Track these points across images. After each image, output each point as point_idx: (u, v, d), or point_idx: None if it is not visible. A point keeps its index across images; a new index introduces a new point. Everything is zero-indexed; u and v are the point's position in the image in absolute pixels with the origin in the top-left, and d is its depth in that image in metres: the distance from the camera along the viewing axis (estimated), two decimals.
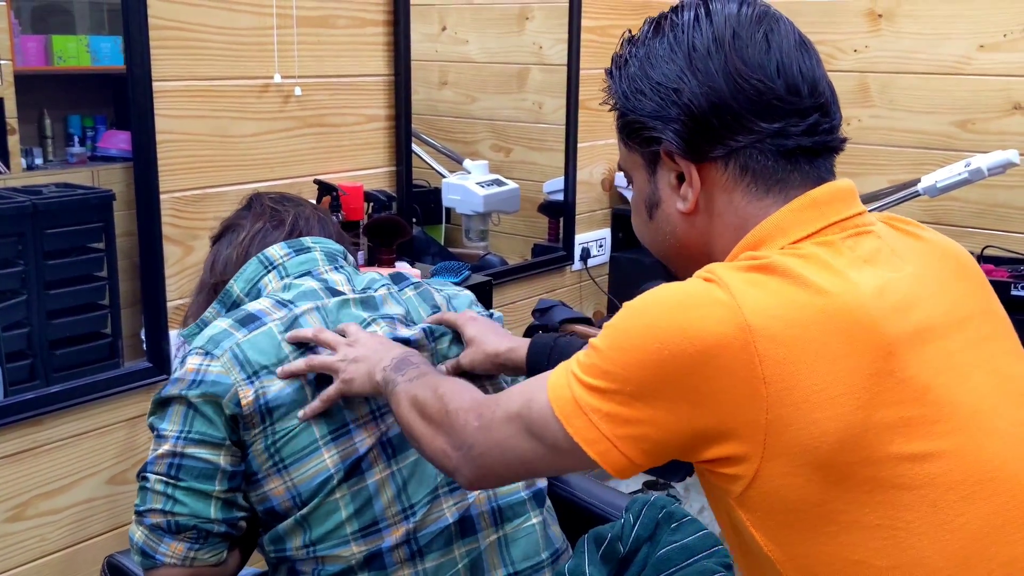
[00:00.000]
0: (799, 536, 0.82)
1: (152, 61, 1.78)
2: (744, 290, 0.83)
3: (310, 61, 2.04)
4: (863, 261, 0.88)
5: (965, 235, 2.82)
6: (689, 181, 0.94)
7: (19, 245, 2.33)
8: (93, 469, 1.81)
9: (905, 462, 0.81)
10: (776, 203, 0.92)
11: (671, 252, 1.00)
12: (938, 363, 0.85)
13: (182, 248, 1.90)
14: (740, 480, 0.82)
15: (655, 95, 0.93)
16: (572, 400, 0.87)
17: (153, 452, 1.21)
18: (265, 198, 1.47)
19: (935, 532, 0.81)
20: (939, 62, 2.80)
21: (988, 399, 0.87)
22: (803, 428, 0.79)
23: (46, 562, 1.77)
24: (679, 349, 0.81)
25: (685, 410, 0.82)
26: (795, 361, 0.80)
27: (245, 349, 1.21)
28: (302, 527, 1.21)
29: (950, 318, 0.90)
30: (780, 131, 0.90)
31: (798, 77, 0.91)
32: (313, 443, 1.20)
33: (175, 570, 1.21)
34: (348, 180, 2.13)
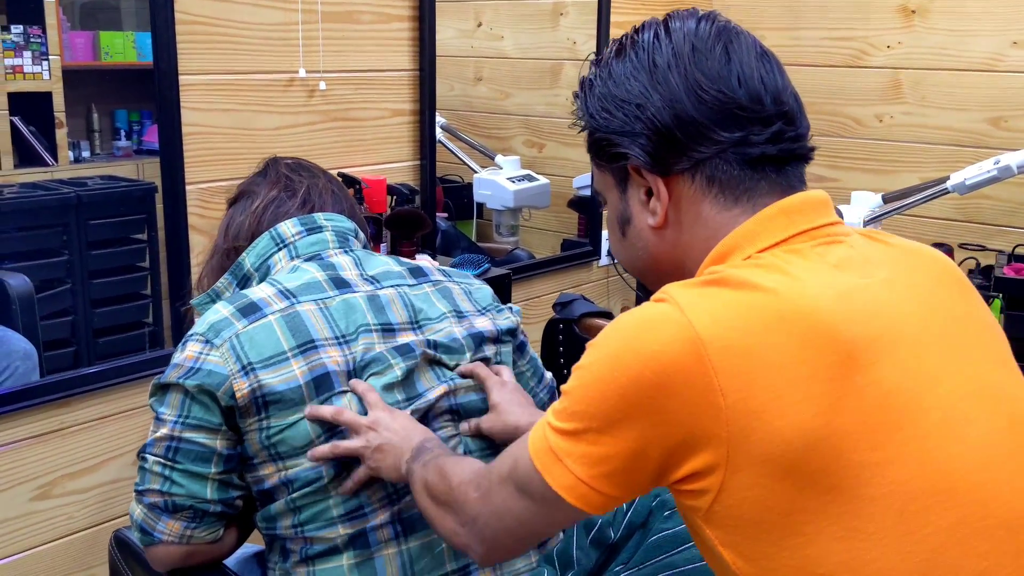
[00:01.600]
0: (766, 550, 0.82)
1: (179, 55, 1.83)
2: (695, 304, 0.84)
3: (335, 56, 2.08)
4: (832, 267, 0.88)
5: (996, 233, 2.79)
6: (657, 195, 0.95)
7: (64, 236, 2.40)
8: (118, 451, 1.87)
9: (867, 469, 0.80)
10: (745, 212, 0.93)
11: (645, 268, 1.02)
12: (906, 369, 0.84)
13: (207, 238, 1.95)
14: (707, 494, 0.83)
15: (620, 112, 0.94)
16: (548, 450, 0.89)
17: (152, 434, 1.25)
18: (281, 164, 1.48)
19: (899, 543, 0.80)
20: (972, 59, 2.77)
21: (960, 405, 0.85)
22: (764, 437, 0.80)
23: (72, 540, 1.83)
24: (636, 373, 0.83)
25: (651, 433, 0.83)
26: (751, 370, 0.80)
27: (243, 341, 1.23)
28: (292, 511, 1.25)
29: (924, 324, 0.89)
30: (743, 139, 0.92)
31: (760, 87, 0.92)
32: (308, 443, 1.22)
33: (172, 547, 1.26)
34: (371, 173, 2.17)
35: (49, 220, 2.39)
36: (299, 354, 1.24)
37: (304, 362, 1.23)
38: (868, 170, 2.98)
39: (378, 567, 1.23)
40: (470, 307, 1.39)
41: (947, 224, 2.86)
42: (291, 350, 1.24)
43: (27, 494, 1.75)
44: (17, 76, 2.49)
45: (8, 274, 2.15)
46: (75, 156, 2.72)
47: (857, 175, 2.99)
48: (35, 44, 2.50)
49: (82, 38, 2.77)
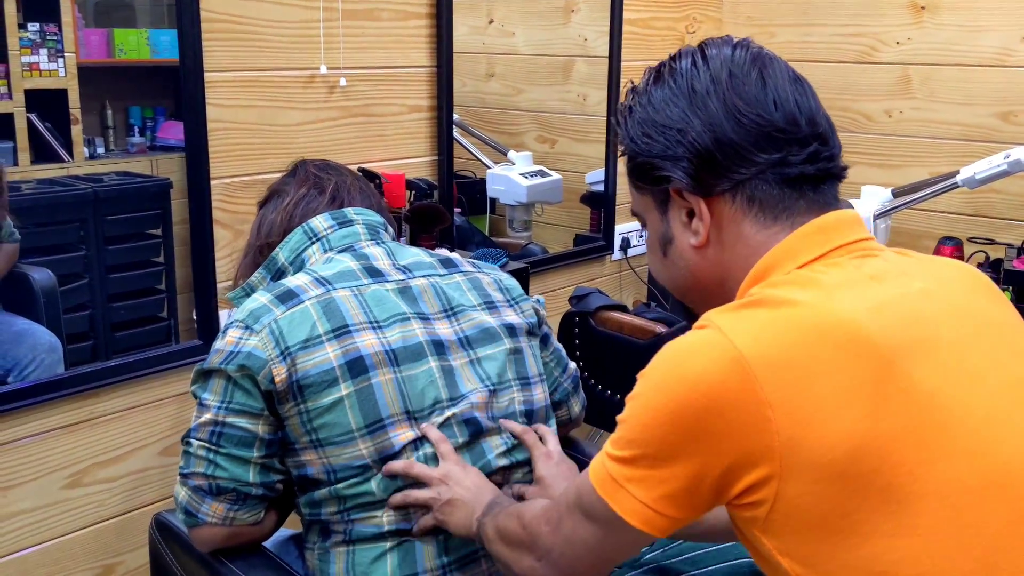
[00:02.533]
0: (824, 553, 0.84)
1: (204, 53, 1.87)
2: (734, 326, 0.87)
3: (355, 53, 2.11)
4: (870, 279, 0.92)
5: (1006, 227, 2.82)
6: (699, 215, 0.99)
7: (81, 231, 2.43)
8: (146, 440, 1.90)
9: (916, 468, 0.82)
10: (784, 230, 0.96)
11: (687, 287, 1.05)
12: (947, 370, 0.87)
13: (231, 232, 1.99)
14: (763, 505, 0.85)
15: (661, 136, 0.98)
16: (609, 478, 0.92)
17: (196, 419, 1.29)
18: (309, 165, 1.54)
19: (956, 537, 0.82)
20: (981, 54, 2.80)
21: (1002, 404, 0.88)
22: (814, 444, 0.82)
23: (102, 527, 1.87)
24: (686, 399, 0.85)
25: (707, 454, 0.86)
26: (795, 381, 0.83)
27: (282, 326, 1.27)
28: (337, 499, 1.28)
29: (962, 328, 0.92)
30: (782, 160, 0.95)
31: (795, 109, 0.96)
32: (349, 433, 1.26)
33: (216, 528, 1.30)
34: (391, 168, 2.20)
35: (66, 216, 2.42)
36: (333, 338, 1.27)
37: (338, 345, 1.27)
38: (878, 165, 3.00)
39: (417, 548, 1.27)
40: (501, 297, 1.42)
41: (956, 218, 2.89)
42: (326, 334, 1.27)
43: (59, 482, 1.79)
44: (34, 74, 2.51)
45: (32, 268, 2.18)
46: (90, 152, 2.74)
47: (867, 170, 3.01)
48: (51, 41, 2.53)
49: (97, 35, 2.80)
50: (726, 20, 3.26)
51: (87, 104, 2.63)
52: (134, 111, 2.92)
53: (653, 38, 2.97)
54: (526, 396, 1.39)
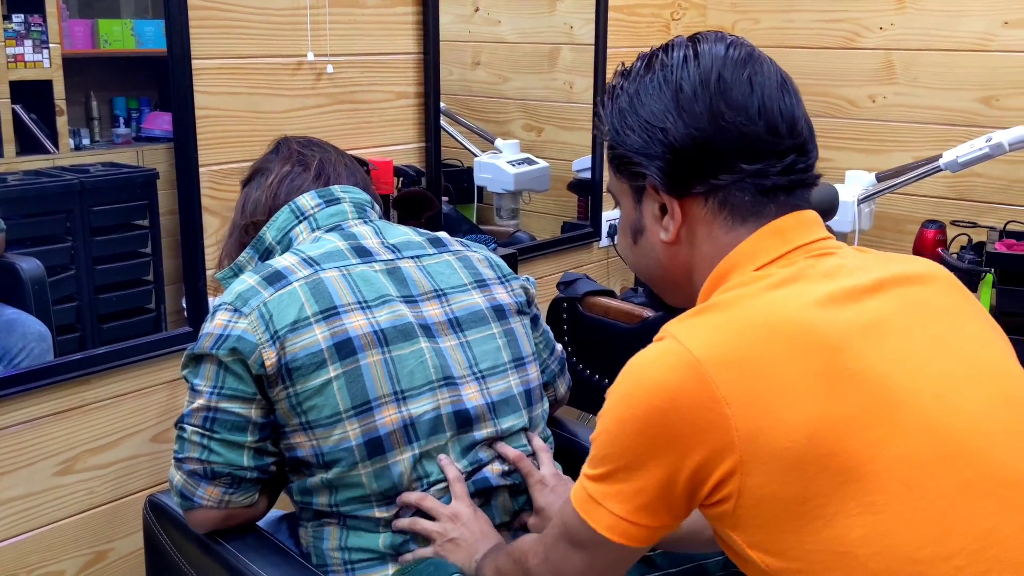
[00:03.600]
0: (790, 541, 0.86)
1: (191, 40, 1.87)
2: (688, 332, 0.90)
3: (342, 40, 2.11)
4: (823, 276, 0.94)
5: (988, 210, 2.84)
6: (671, 214, 1.00)
7: (67, 222, 2.43)
8: (137, 427, 1.91)
9: (871, 447, 0.85)
10: (748, 231, 0.98)
11: (655, 276, 1.07)
12: (896, 355, 0.90)
13: (220, 219, 1.99)
14: (730, 500, 0.87)
15: (643, 132, 0.99)
16: (588, 498, 0.94)
17: (189, 405, 1.29)
18: (292, 142, 1.53)
19: (910, 511, 0.84)
20: (963, 39, 2.82)
21: (953, 382, 0.91)
22: (771, 434, 0.85)
23: (94, 513, 1.87)
24: (649, 406, 0.89)
25: (674, 456, 0.88)
26: (749, 377, 0.86)
27: (271, 308, 1.27)
28: (329, 488, 1.29)
29: (913, 317, 0.95)
30: (760, 171, 0.97)
31: (778, 118, 0.97)
32: (337, 415, 1.27)
33: (211, 511, 1.31)
34: (378, 155, 2.21)
35: (53, 207, 2.42)
36: (322, 319, 1.28)
37: (327, 327, 1.27)
38: (861, 150, 3.03)
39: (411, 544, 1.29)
40: (491, 275, 1.43)
41: (939, 202, 2.92)
42: (314, 315, 1.28)
43: (50, 469, 1.79)
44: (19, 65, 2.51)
45: (21, 258, 2.18)
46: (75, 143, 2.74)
47: (851, 155, 3.04)
48: (36, 33, 2.52)
49: (81, 26, 2.79)
50: (710, 6, 3.27)
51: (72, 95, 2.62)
52: (119, 102, 2.91)
53: (639, 25, 2.98)
54: (522, 377, 1.39)
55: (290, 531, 1.45)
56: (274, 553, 1.31)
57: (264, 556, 1.30)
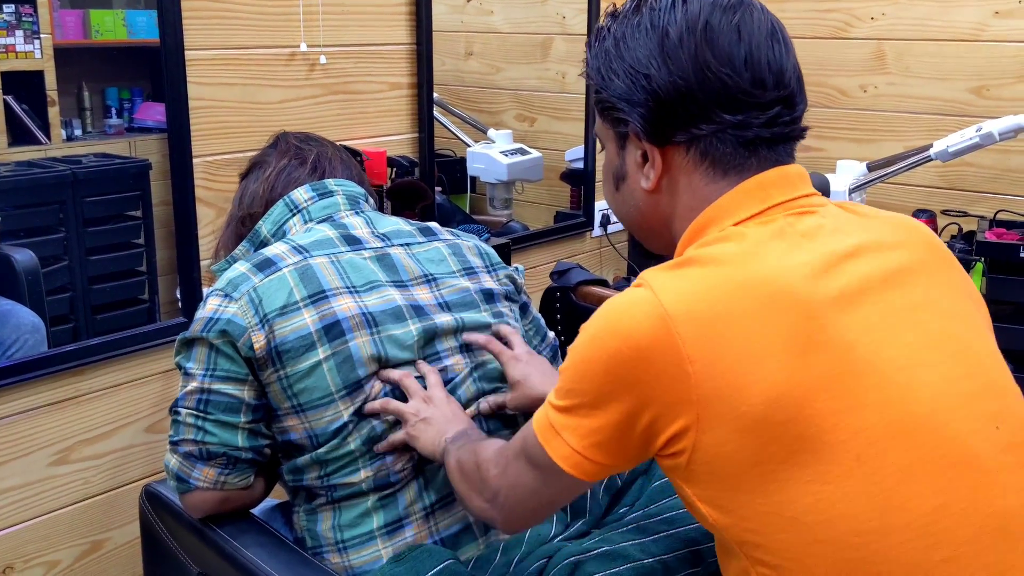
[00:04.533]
0: (740, 500, 0.88)
1: (184, 31, 1.87)
2: (664, 284, 0.90)
3: (335, 30, 2.12)
4: (800, 236, 0.93)
5: (978, 199, 2.86)
6: (652, 163, 0.99)
7: (60, 213, 2.43)
8: (131, 418, 1.92)
9: (830, 417, 0.85)
10: (730, 184, 0.97)
11: (635, 223, 1.07)
12: (868, 323, 0.89)
13: (215, 210, 2.00)
14: (683, 454, 0.89)
15: (626, 77, 0.97)
16: (549, 425, 0.97)
17: (183, 389, 1.31)
18: (291, 137, 1.55)
19: (860, 485, 0.85)
20: (955, 29, 2.83)
21: (920, 355, 0.90)
22: (733, 396, 0.85)
23: (89, 503, 1.88)
24: (616, 351, 0.90)
25: (634, 403, 0.90)
26: (716, 336, 0.86)
27: (260, 293, 1.29)
28: (318, 463, 1.31)
29: (891, 283, 0.94)
30: (741, 123, 0.95)
31: (765, 70, 0.95)
32: (328, 395, 1.29)
33: (208, 493, 1.32)
34: (372, 146, 2.21)
35: (45, 198, 2.42)
36: (310, 303, 1.30)
37: (315, 311, 1.29)
38: (853, 139, 3.04)
39: (399, 498, 1.30)
40: (480, 263, 1.45)
41: (930, 191, 2.93)
42: (302, 300, 1.30)
43: (46, 459, 1.80)
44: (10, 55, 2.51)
45: (14, 249, 2.19)
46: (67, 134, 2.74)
47: (842, 144, 3.05)
48: (27, 23, 2.51)
49: (72, 16, 2.78)
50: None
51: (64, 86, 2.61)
52: (111, 92, 2.91)
53: None
54: None
55: (284, 519, 1.46)
56: (269, 540, 1.32)
57: (259, 543, 1.31)
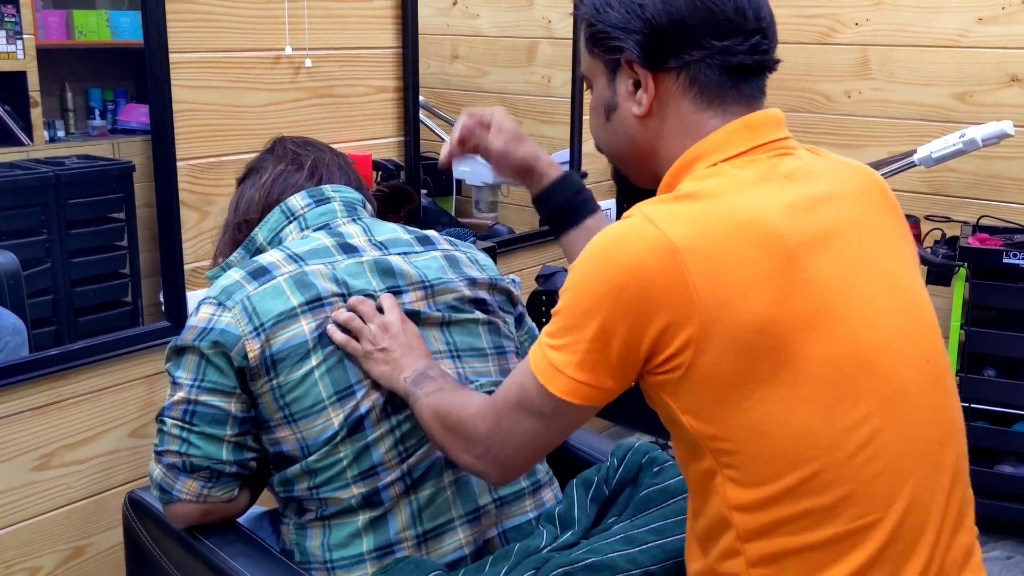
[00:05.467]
0: (721, 413, 0.98)
1: (168, 33, 1.86)
2: (667, 219, 0.98)
3: (320, 33, 2.11)
4: (783, 178, 1.03)
5: (961, 205, 2.87)
6: (645, 88, 1.07)
7: (43, 215, 2.41)
8: (116, 422, 1.90)
9: (806, 346, 0.96)
10: (715, 116, 1.06)
11: (624, 152, 1.14)
12: (836, 264, 1.01)
13: (198, 213, 1.99)
14: (679, 370, 0.97)
15: (621, 8, 1.05)
16: (549, 366, 1.02)
17: (169, 398, 1.30)
18: (288, 142, 1.53)
19: (821, 406, 0.97)
20: (938, 35, 2.85)
21: (873, 295, 1.03)
22: (728, 320, 0.95)
23: (72, 509, 1.87)
24: (623, 281, 0.96)
25: (640, 330, 0.97)
26: (718, 268, 0.95)
27: (255, 302, 1.28)
28: (308, 473, 1.30)
29: (851, 228, 1.05)
30: (727, 48, 1.04)
31: (745, 2, 1.05)
32: (320, 403, 1.28)
33: (190, 505, 1.31)
34: (357, 149, 2.21)
35: (28, 199, 2.40)
36: (307, 311, 1.29)
37: (312, 318, 1.29)
38: (837, 144, 3.05)
39: (390, 522, 1.29)
40: (477, 274, 1.44)
41: (914, 197, 2.94)
42: (300, 306, 1.29)
43: (27, 464, 1.78)
44: None
45: None
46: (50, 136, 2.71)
47: (827, 149, 3.05)
48: (9, 23, 2.50)
49: (55, 17, 2.76)
50: None
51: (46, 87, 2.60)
52: (94, 94, 2.89)
53: None
54: (502, 365, 1.41)
55: (272, 527, 1.46)
56: (255, 550, 1.32)
57: (245, 553, 1.30)
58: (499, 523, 1.38)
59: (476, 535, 1.35)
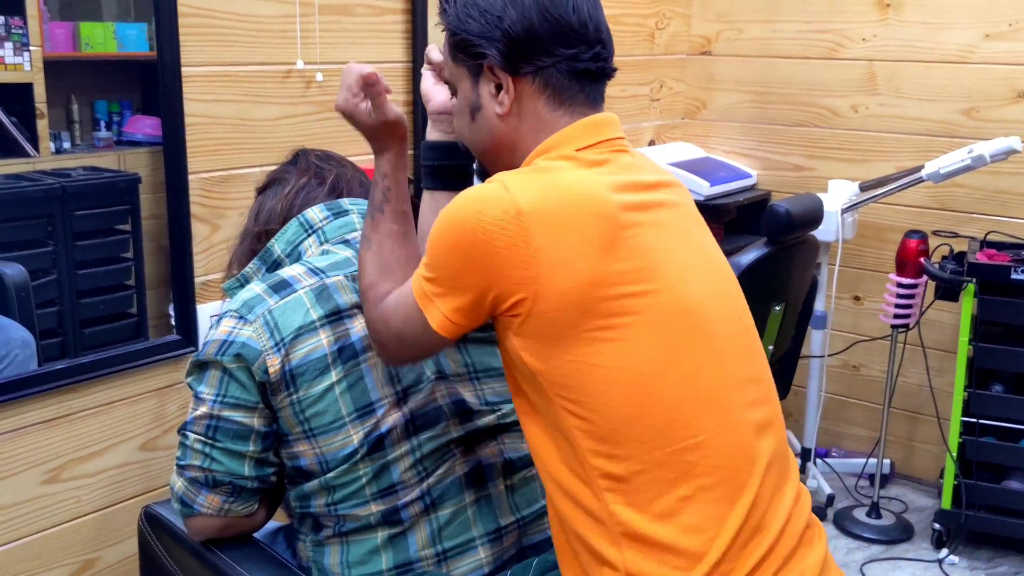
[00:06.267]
0: (557, 352, 1.13)
1: (181, 47, 1.87)
2: (518, 185, 1.13)
3: (331, 48, 2.12)
4: (623, 168, 1.20)
5: (969, 220, 2.88)
6: (506, 90, 1.22)
7: (49, 226, 2.41)
8: (126, 435, 1.90)
9: (631, 297, 1.12)
10: (565, 115, 1.22)
11: (487, 148, 1.27)
12: (659, 236, 1.17)
13: (209, 227, 1.99)
14: (520, 316, 1.13)
15: (482, 19, 1.20)
16: (422, 292, 1.18)
17: (192, 412, 1.29)
18: (311, 155, 1.54)
19: (649, 342, 1.13)
20: (945, 51, 2.86)
21: (690, 260, 1.20)
22: (561, 277, 1.10)
23: (82, 522, 1.86)
24: (474, 237, 1.12)
25: (489, 281, 1.12)
26: (556, 234, 1.10)
27: (276, 316, 1.28)
28: (326, 489, 1.30)
29: (673, 211, 1.23)
30: (574, 56, 1.20)
31: (587, 16, 1.21)
32: (340, 419, 1.28)
33: (210, 519, 1.31)
34: (368, 163, 2.20)
35: (34, 211, 2.40)
36: (327, 324, 1.29)
37: (331, 332, 1.29)
38: (844, 159, 3.06)
39: (410, 540, 1.29)
40: None
41: (921, 212, 2.95)
42: (319, 319, 1.29)
43: (37, 478, 1.78)
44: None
45: (4, 264, 2.17)
46: (56, 147, 2.72)
47: (834, 164, 3.07)
48: (16, 35, 2.50)
49: (62, 29, 2.77)
50: (695, 16, 3.29)
51: (52, 98, 2.60)
52: (100, 105, 2.89)
53: (624, 34, 3.00)
54: None
55: (287, 544, 1.45)
56: (271, 565, 1.31)
57: (261, 568, 1.30)
58: (519, 541, 1.38)
59: (497, 554, 1.34)
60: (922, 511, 2.98)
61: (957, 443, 2.65)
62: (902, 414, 3.11)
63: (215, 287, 2.02)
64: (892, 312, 2.77)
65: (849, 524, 2.87)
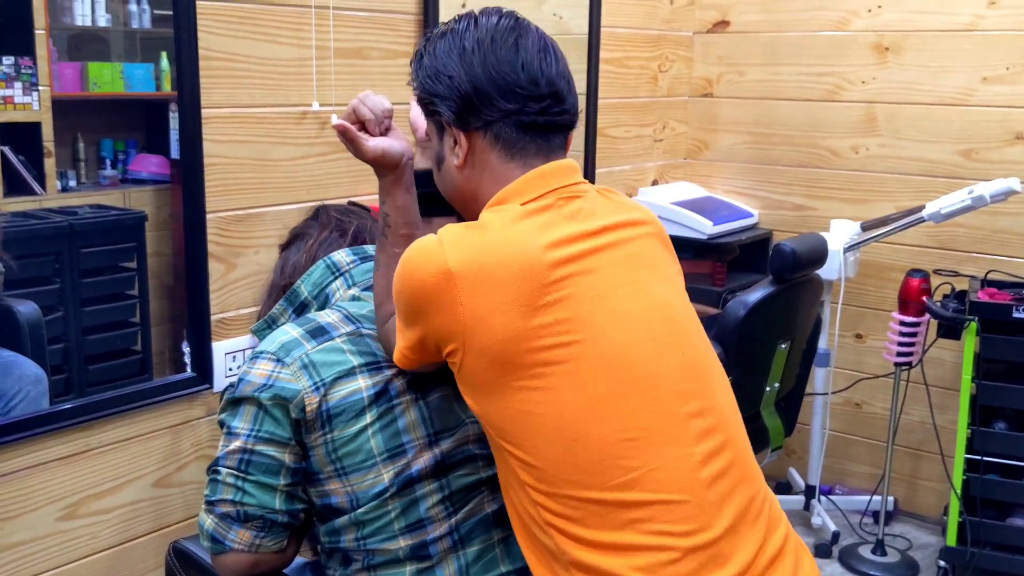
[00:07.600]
0: (492, 399, 1.20)
1: (201, 89, 1.90)
2: (453, 242, 1.20)
3: (346, 90, 2.15)
4: (565, 217, 1.24)
5: (969, 260, 2.92)
6: (459, 144, 1.28)
7: (56, 264, 2.42)
8: (140, 472, 1.91)
9: (555, 348, 1.17)
10: (519, 167, 1.27)
11: (453, 196, 1.34)
12: (595, 283, 1.21)
13: (225, 265, 2.01)
14: (456, 364, 1.21)
15: (439, 81, 1.27)
16: (397, 325, 1.27)
17: (224, 448, 1.31)
18: (331, 209, 1.58)
19: (574, 392, 1.17)
20: (944, 93, 2.91)
21: (623, 304, 1.23)
22: (484, 333, 1.17)
23: (97, 559, 1.87)
24: (413, 288, 1.21)
25: (425, 327, 1.21)
26: (477, 291, 1.17)
27: (314, 360, 1.31)
28: (356, 525, 1.31)
29: (620, 255, 1.26)
30: (519, 110, 1.25)
31: (538, 73, 1.25)
32: (371, 459, 1.30)
33: (242, 555, 1.32)
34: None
35: (42, 248, 2.42)
36: (366, 370, 1.32)
37: (369, 377, 1.31)
38: (845, 200, 3.10)
39: (438, 574, 1.30)
40: None
41: (922, 251, 2.99)
42: (359, 367, 1.32)
43: (54, 514, 1.79)
44: (8, 107, 2.52)
45: (16, 301, 2.18)
46: (63, 185, 2.74)
47: (835, 204, 3.11)
48: (26, 75, 2.53)
49: (71, 69, 2.80)
50: (697, 59, 3.35)
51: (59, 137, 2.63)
52: (106, 144, 2.92)
53: (627, 77, 3.05)
54: None
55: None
56: None
57: None
58: None
59: None
60: (926, 548, 3.00)
61: (961, 480, 2.67)
62: (905, 451, 3.13)
63: (231, 325, 2.04)
64: (895, 350, 2.80)
65: (855, 562, 2.88)
